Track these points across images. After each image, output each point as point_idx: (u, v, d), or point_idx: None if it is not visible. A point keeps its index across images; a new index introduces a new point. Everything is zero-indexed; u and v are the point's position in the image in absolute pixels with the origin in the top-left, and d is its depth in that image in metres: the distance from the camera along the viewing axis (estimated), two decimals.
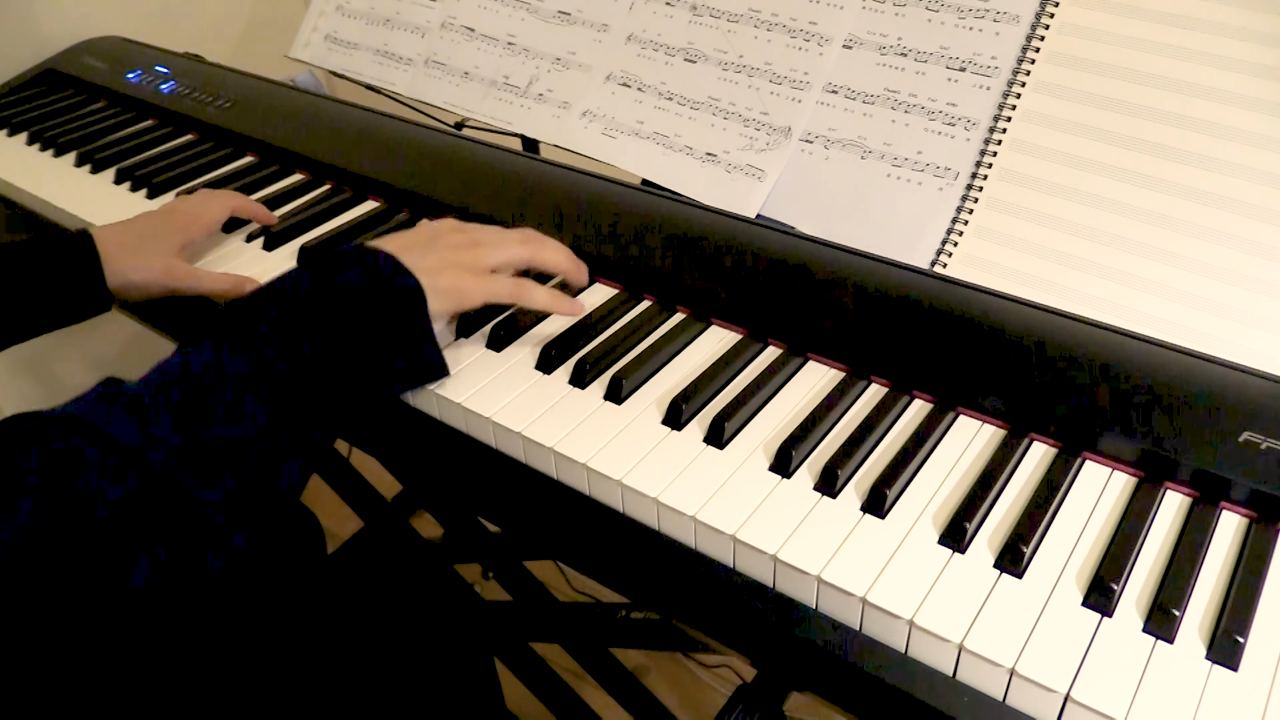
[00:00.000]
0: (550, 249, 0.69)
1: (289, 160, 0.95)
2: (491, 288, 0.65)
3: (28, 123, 1.08)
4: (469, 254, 0.65)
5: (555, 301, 0.67)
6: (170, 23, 1.39)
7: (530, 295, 0.66)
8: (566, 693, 1.25)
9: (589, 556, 0.60)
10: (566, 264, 0.70)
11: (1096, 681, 0.44)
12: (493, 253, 0.66)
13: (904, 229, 0.73)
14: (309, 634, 0.79)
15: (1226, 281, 0.62)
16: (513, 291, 0.66)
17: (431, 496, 1.31)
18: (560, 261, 0.69)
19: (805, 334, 0.65)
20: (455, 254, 0.64)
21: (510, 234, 0.68)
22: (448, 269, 0.63)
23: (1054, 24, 0.71)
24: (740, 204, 0.79)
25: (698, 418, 0.60)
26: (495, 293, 0.65)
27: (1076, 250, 0.67)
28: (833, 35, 0.79)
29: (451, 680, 0.81)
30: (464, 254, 0.64)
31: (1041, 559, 0.50)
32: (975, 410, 0.60)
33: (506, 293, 0.65)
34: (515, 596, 1.32)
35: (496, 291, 0.65)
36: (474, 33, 1.00)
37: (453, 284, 0.63)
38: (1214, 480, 0.53)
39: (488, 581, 1.42)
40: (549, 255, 0.69)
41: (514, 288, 0.66)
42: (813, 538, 0.52)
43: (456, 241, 0.65)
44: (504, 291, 0.65)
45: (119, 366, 1.42)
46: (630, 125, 0.87)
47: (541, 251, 0.68)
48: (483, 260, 0.65)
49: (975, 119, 0.72)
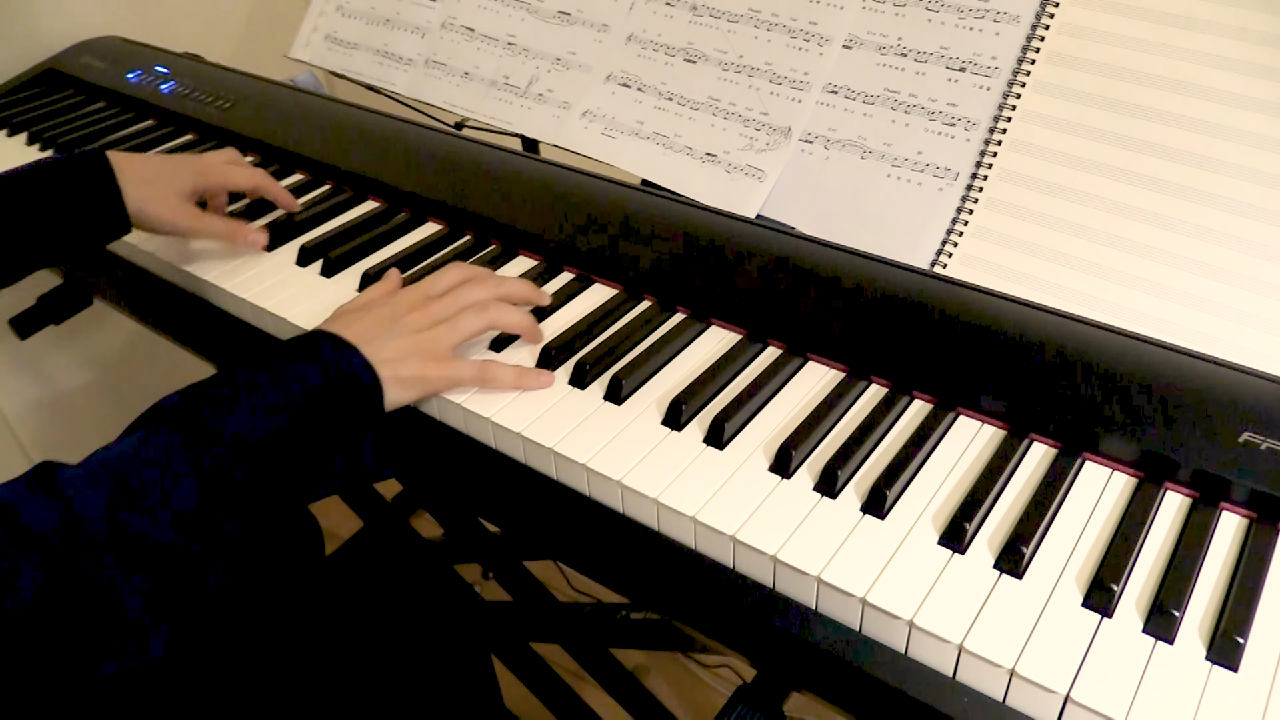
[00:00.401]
0: (508, 315, 0.67)
1: (289, 160, 0.95)
2: (456, 374, 0.63)
3: (28, 123, 1.08)
4: (429, 337, 0.63)
5: (521, 380, 0.65)
6: (170, 23, 1.39)
7: (495, 377, 0.64)
8: (566, 693, 1.25)
9: (589, 557, 0.60)
10: (525, 326, 0.68)
11: (1096, 682, 0.44)
12: (452, 333, 0.64)
13: (904, 229, 0.73)
14: (307, 634, 0.79)
15: (1226, 282, 0.62)
16: (476, 376, 0.64)
17: (431, 497, 1.31)
18: (518, 325, 0.68)
19: (805, 334, 0.65)
20: (417, 339, 0.63)
21: (467, 299, 0.66)
22: (410, 357, 0.62)
23: (1054, 24, 0.71)
24: (740, 204, 0.79)
25: (698, 418, 0.60)
26: (459, 379, 0.64)
27: (1076, 250, 0.67)
28: (833, 35, 0.79)
29: (450, 679, 0.81)
30: (425, 338, 0.63)
31: (1041, 560, 0.50)
32: (975, 410, 0.60)
33: (470, 378, 0.64)
34: (515, 596, 1.32)
35: (460, 378, 0.64)
36: (474, 33, 1.00)
37: (416, 373, 0.62)
38: (1214, 480, 0.53)
39: (488, 581, 1.42)
40: (508, 320, 0.67)
41: (479, 371, 0.64)
42: (812, 538, 0.52)
43: (417, 323, 0.64)
44: (468, 377, 0.64)
45: (119, 366, 1.42)
46: (630, 125, 0.87)
47: (501, 318, 0.67)
48: (443, 342, 0.64)
49: (975, 119, 0.72)
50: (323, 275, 0.78)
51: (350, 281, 0.76)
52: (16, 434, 1.32)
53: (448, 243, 0.81)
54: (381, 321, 0.63)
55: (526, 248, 0.78)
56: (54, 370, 1.35)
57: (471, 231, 0.81)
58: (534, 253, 0.78)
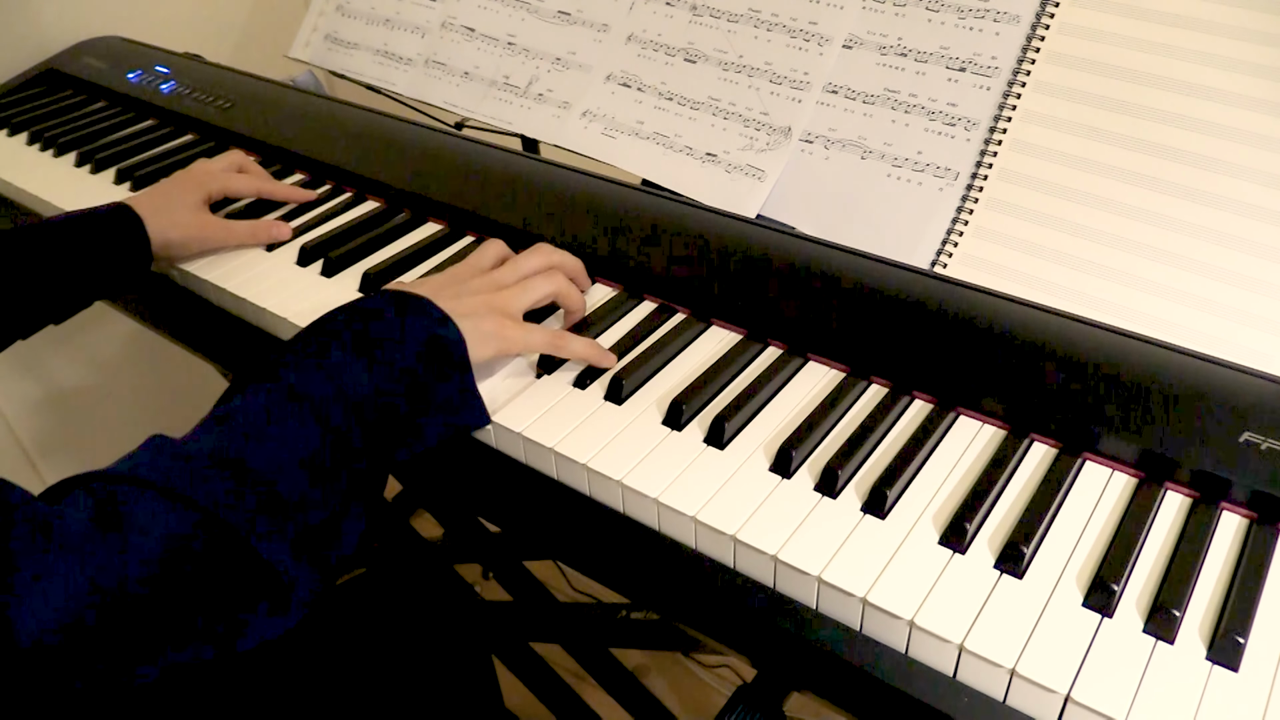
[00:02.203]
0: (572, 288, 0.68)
1: (289, 160, 0.95)
2: (531, 336, 0.63)
3: (28, 123, 1.08)
4: (501, 298, 0.63)
5: (592, 353, 0.64)
6: (170, 23, 1.39)
7: (569, 347, 0.64)
8: (566, 693, 1.25)
9: (589, 557, 0.60)
10: (580, 304, 0.69)
11: (1097, 682, 0.44)
12: (524, 295, 0.64)
13: (904, 229, 0.73)
14: (306, 635, 0.79)
15: (1226, 281, 0.62)
16: (550, 341, 0.63)
17: (431, 496, 1.31)
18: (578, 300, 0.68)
19: (805, 334, 0.65)
20: (490, 298, 0.62)
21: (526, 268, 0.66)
22: (487, 315, 0.61)
23: (1054, 24, 0.71)
24: (740, 204, 0.79)
25: (698, 418, 0.60)
26: (533, 343, 0.63)
27: (1076, 250, 0.67)
28: (833, 35, 0.79)
29: (450, 680, 0.81)
30: (498, 298, 0.63)
31: (1042, 559, 0.50)
32: (975, 410, 0.60)
33: (543, 343, 0.63)
34: (515, 596, 1.32)
35: (534, 342, 0.63)
36: (474, 33, 1.00)
37: (494, 330, 0.61)
38: (1214, 480, 0.53)
39: (488, 581, 1.42)
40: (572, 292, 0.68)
41: (553, 337, 0.64)
42: (813, 538, 0.52)
43: (483, 286, 0.63)
44: (540, 341, 0.63)
45: (119, 366, 1.42)
46: (630, 125, 0.87)
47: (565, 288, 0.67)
48: (515, 303, 0.63)
49: (975, 119, 0.72)
50: (323, 275, 0.77)
51: (350, 281, 0.76)
52: (16, 434, 1.32)
53: (448, 243, 0.81)
54: (445, 286, 0.63)
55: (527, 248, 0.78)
56: (54, 370, 1.35)
57: (472, 232, 0.81)
58: None
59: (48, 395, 1.35)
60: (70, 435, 1.38)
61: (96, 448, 1.46)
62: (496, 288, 0.64)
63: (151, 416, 1.55)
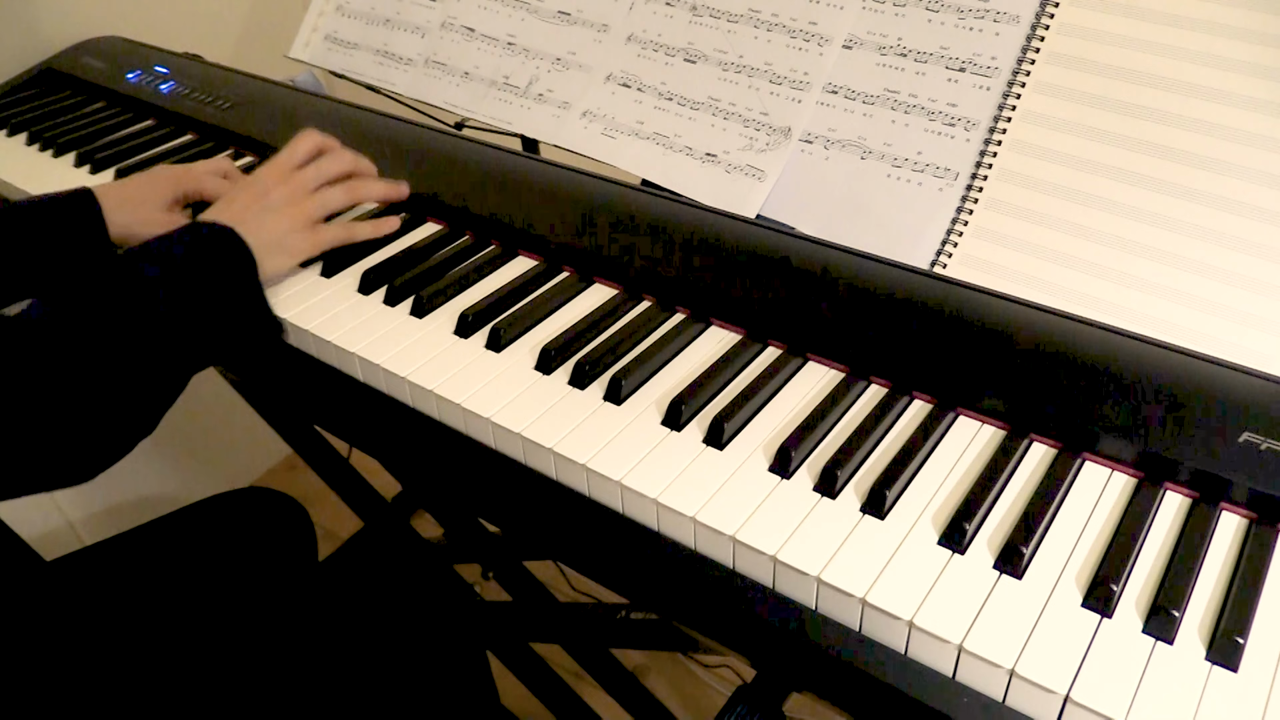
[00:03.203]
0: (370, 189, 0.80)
1: None
2: (324, 238, 0.75)
3: (27, 123, 1.08)
4: (301, 210, 0.74)
5: (377, 228, 0.78)
6: (170, 23, 1.39)
7: (356, 232, 0.77)
8: (566, 693, 1.25)
9: (589, 557, 0.60)
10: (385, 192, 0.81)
11: (1096, 682, 0.44)
12: (320, 209, 0.76)
13: (904, 229, 0.73)
14: (305, 634, 0.79)
15: (1226, 282, 0.62)
16: (342, 236, 0.77)
17: (431, 497, 1.31)
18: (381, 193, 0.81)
19: (805, 334, 0.65)
20: (290, 214, 0.74)
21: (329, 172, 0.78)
22: (286, 234, 0.73)
23: (1054, 24, 0.71)
24: (740, 204, 0.79)
25: (697, 418, 0.60)
26: (326, 242, 0.76)
27: (1076, 250, 0.67)
28: (833, 35, 0.79)
29: (446, 678, 0.82)
30: (297, 211, 0.74)
31: (1041, 560, 0.50)
32: (975, 410, 0.60)
33: (336, 238, 0.76)
34: (515, 596, 1.32)
35: (327, 241, 0.76)
36: (474, 33, 1.00)
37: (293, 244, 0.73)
38: (1214, 481, 0.53)
39: (488, 581, 1.42)
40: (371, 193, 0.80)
41: (342, 232, 0.77)
42: (812, 538, 0.52)
43: (285, 197, 0.74)
44: (334, 238, 0.76)
45: None
46: (630, 125, 0.87)
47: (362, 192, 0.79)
48: (313, 216, 0.75)
49: (975, 119, 0.72)
50: (322, 276, 0.77)
51: (350, 281, 0.76)
52: None
53: (447, 242, 0.81)
54: (251, 203, 0.74)
55: (526, 247, 0.78)
56: None
57: (471, 231, 0.81)
58: (534, 253, 0.78)
59: None
60: None
61: None
62: (300, 199, 0.75)
63: None
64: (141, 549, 0.86)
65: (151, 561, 0.85)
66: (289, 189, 0.75)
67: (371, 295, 0.75)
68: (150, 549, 0.86)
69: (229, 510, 0.92)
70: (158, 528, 0.89)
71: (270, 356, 0.74)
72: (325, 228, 0.76)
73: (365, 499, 1.39)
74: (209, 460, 1.69)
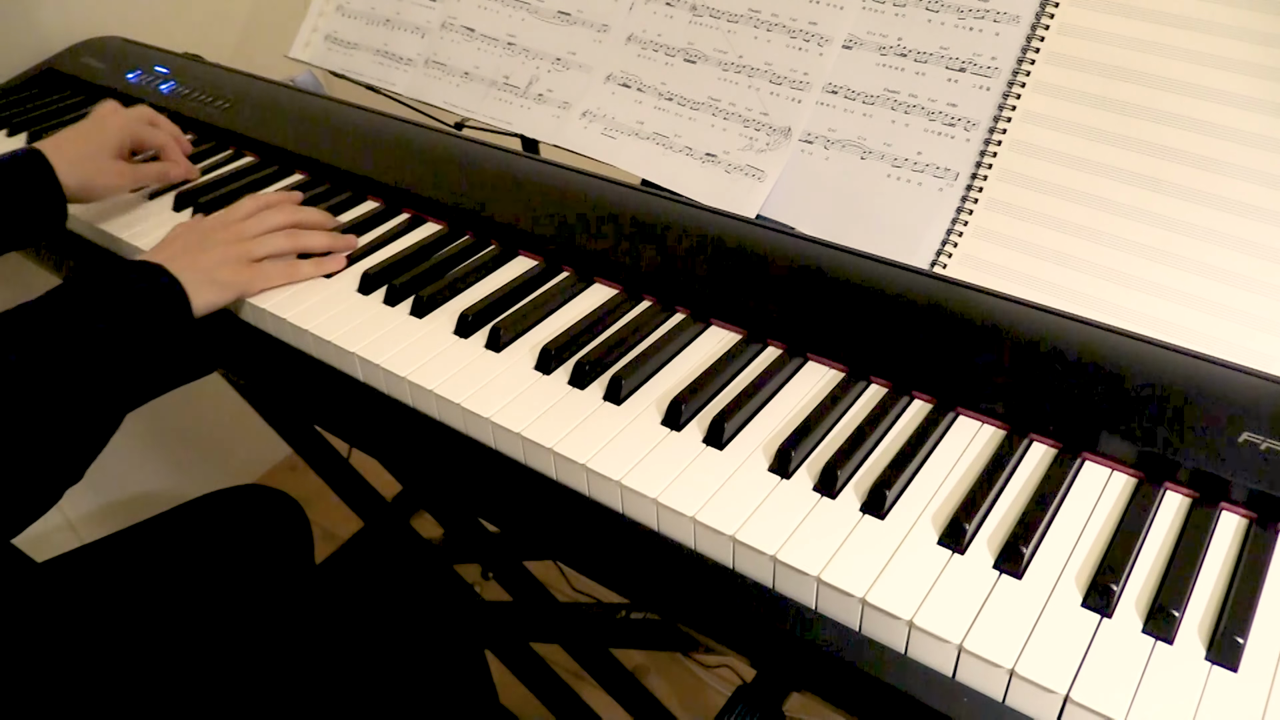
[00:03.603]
0: (311, 239, 0.78)
1: (288, 160, 0.95)
2: (265, 275, 0.75)
3: (28, 123, 1.08)
4: (240, 249, 0.74)
5: (320, 267, 0.77)
6: (170, 23, 1.39)
7: (298, 272, 0.76)
8: (566, 692, 1.25)
9: (589, 557, 0.60)
10: (326, 244, 0.79)
11: (1096, 682, 0.44)
12: (261, 248, 0.75)
13: (904, 229, 0.73)
14: (302, 634, 0.79)
15: (1225, 282, 0.62)
16: (284, 273, 0.76)
17: (431, 497, 1.31)
18: (320, 244, 0.79)
19: (805, 334, 0.65)
20: (227, 250, 0.74)
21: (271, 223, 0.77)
22: (222, 265, 0.73)
23: (1054, 24, 0.71)
24: (740, 204, 0.79)
25: (697, 418, 0.60)
26: (264, 278, 0.75)
27: (1076, 250, 0.67)
28: (833, 35, 0.79)
29: (444, 676, 0.82)
30: (236, 249, 0.74)
31: (1041, 560, 0.50)
32: (975, 410, 0.60)
33: (279, 276, 0.76)
34: (515, 596, 1.32)
35: (265, 277, 0.75)
36: (474, 33, 1.00)
37: (229, 278, 0.73)
38: (1214, 480, 0.53)
39: (488, 581, 1.42)
40: (311, 243, 0.78)
41: (286, 272, 0.76)
42: (812, 538, 0.52)
43: (226, 239, 0.75)
44: (277, 275, 0.75)
45: None
46: (630, 125, 0.87)
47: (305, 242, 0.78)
48: (254, 254, 0.75)
49: (975, 119, 0.72)
50: (323, 276, 0.77)
51: (350, 282, 0.76)
52: None
53: (447, 242, 0.81)
54: (190, 243, 0.74)
55: (526, 248, 0.79)
56: None
57: (471, 231, 0.81)
58: (534, 253, 0.78)
59: None
60: None
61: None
62: (239, 240, 0.75)
63: (151, 411, 1.55)
64: (135, 547, 0.86)
65: (145, 560, 0.85)
66: (228, 232, 0.76)
67: (371, 295, 0.75)
68: (143, 548, 0.86)
69: (224, 508, 0.92)
70: (151, 526, 0.89)
71: (270, 357, 0.74)
72: (264, 265, 0.75)
73: (365, 499, 1.39)
74: (209, 460, 1.69)
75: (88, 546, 0.86)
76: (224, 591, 0.84)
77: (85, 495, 1.47)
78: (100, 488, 1.50)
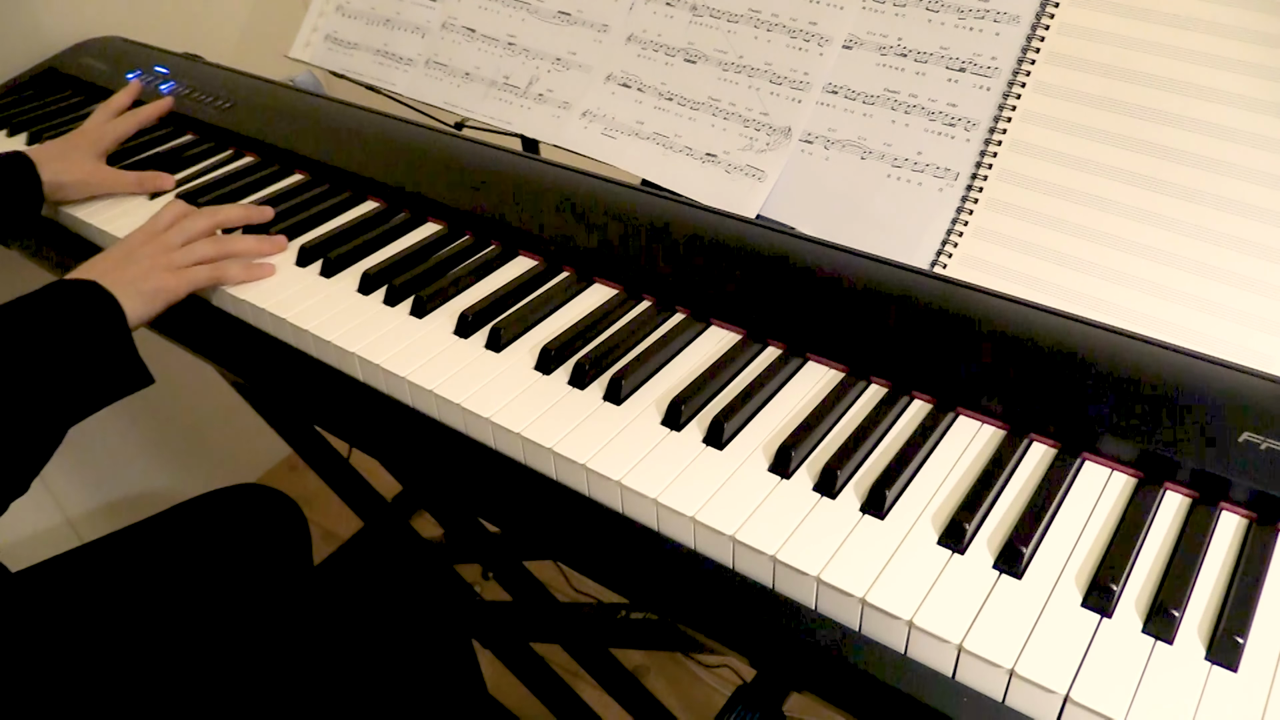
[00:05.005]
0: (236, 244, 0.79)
1: (289, 160, 0.95)
2: (192, 278, 0.76)
3: (28, 123, 1.08)
4: (167, 260, 0.76)
5: (250, 272, 0.78)
6: (170, 23, 1.39)
7: (226, 273, 0.77)
8: (566, 692, 1.25)
9: (589, 557, 0.60)
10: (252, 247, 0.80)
11: (1096, 682, 0.44)
12: (187, 256, 0.77)
13: (904, 229, 0.73)
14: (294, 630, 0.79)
15: (1225, 282, 0.62)
16: (211, 276, 0.77)
17: (431, 497, 1.31)
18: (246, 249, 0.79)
19: (805, 334, 0.65)
20: (154, 261, 0.75)
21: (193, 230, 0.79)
22: (149, 275, 0.74)
23: (1054, 24, 0.71)
24: (740, 204, 0.79)
25: (697, 418, 0.60)
26: (191, 282, 0.76)
27: (1076, 251, 0.67)
28: (833, 35, 0.79)
29: (431, 667, 0.82)
30: (163, 259, 0.76)
31: (1041, 560, 0.50)
32: (975, 410, 0.60)
33: (205, 278, 0.76)
34: (515, 596, 1.32)
35: (191, 280, 0.76)
36: (474, 33, 1.00)
37: (156, 286, 0.74)
38: (1214, 480, 0.53)
39: (488, 581, 1.42)
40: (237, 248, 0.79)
41: (211, 272, 0.77)
42: (812, 538, 0.52)
43: (152, 252, 0.76)
44: (203, 278, 0.76)
45: None
46: (630, 125, 0.87)
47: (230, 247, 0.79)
48: (179, 263, 0.76)
49: (975, 119, 0.72)
50: (322, 276, 0.78)
51: (350, 282, 0.76)
52: None
53: (447, 242, 0.81)
54: (118, 259, 0.76)
55: (526, 247, 0.79)
56: None
57: (471, 231, 0.81)
58: (534, 253, 0.78)
59: None
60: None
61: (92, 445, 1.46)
62: (165, 250, 0.77)
63: (152, 412, 1.55)
64: (134, 547, 0.86)
65: (143, 560, 0.85)
66: (154, 244, 0.77)
67: (371, 295, 0.75)
68: (142, 547, 0.86)
69: (221, 507, 0.92)
70: (149, 526, 0.89)
71: (270, 356, 0.74)
72: (192, 269, 0.76)
73: (365, 499, 1.39)
74: (209, 460, 1.69)
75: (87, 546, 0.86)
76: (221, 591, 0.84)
77: (85, 494, 1.47)
78: (100, 487, 1.50)
